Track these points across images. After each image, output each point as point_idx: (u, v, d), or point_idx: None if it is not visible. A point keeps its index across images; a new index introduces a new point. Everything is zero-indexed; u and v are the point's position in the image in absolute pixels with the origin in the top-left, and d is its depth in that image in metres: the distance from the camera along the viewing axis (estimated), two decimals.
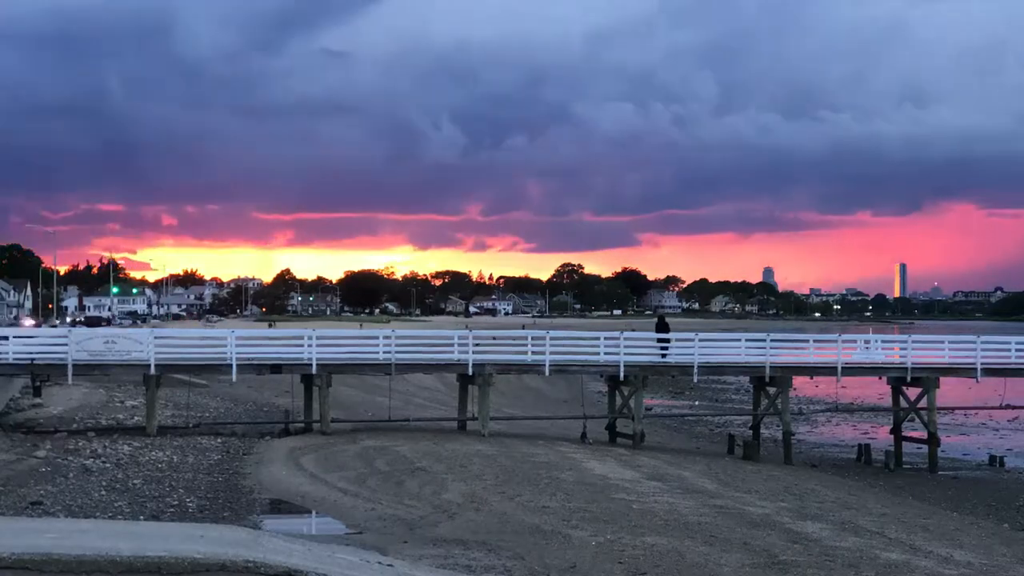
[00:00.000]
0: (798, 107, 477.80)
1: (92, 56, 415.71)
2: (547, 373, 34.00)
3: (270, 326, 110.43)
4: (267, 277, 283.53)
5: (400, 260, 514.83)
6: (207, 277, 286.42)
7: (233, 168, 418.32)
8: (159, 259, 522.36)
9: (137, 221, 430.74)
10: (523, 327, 71.02)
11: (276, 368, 32.32)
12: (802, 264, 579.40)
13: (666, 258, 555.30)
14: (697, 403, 54.23)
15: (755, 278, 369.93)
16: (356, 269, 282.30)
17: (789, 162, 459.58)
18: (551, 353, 33.12)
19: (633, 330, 43.75)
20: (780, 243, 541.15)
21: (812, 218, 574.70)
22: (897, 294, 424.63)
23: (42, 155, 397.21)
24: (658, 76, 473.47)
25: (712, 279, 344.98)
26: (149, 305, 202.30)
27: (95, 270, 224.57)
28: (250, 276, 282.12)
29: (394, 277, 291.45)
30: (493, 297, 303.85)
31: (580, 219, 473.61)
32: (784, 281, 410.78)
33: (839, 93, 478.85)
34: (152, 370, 30.25)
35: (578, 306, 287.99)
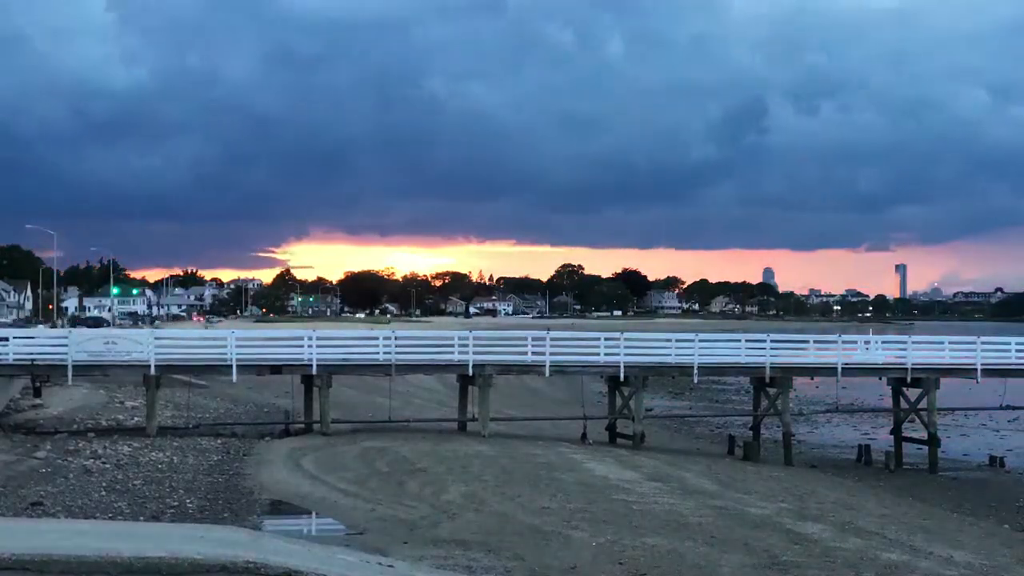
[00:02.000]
0: None
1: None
2: (547, 374, 33.99)
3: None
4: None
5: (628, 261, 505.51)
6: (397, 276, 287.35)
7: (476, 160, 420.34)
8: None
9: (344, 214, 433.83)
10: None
11: (276, 369, 32.31)
12: None
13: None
14: (691, 406, 54.24)
15: (755, 279, 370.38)
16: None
17: None
18: (551, 354, 33.13)
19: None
20: None
21: None
22: (897, 295, 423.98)
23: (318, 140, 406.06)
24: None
25: (712, 280, 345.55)
26: (149, 306, 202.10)
27: (96, 269, 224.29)
28: (251, 277, 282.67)
29: (394, 278, 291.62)
30: (493, 298, 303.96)
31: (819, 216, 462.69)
32: None
33: None
34: (152, 371, 30.27)
35: (578, 307, 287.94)
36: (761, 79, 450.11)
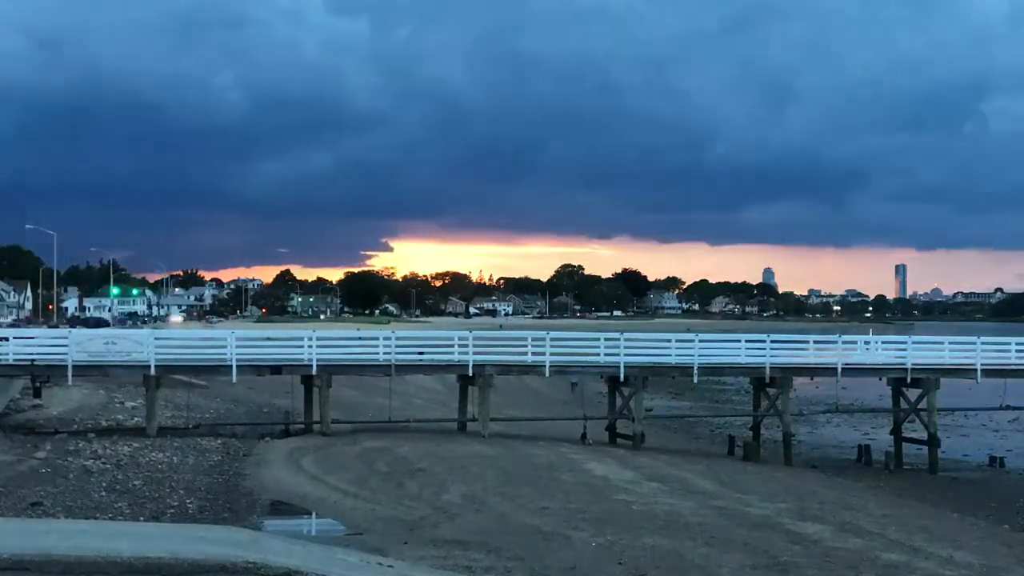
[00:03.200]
0: None
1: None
2: (547, 374, 34.00)
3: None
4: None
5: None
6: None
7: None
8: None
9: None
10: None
11: (276, 369, 32.30)
12: None
13: None
14: (691, 405, 54.23)
15: (755, 279, 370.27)
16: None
17: None
18: (551, 354, 33.13)
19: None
20: None
21: None
22: (896, 295, 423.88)
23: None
24: None
25: (712, 280, 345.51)
26: (149, 306, 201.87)
27: (96, 269, 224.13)
28: (250, 277, 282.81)
29: (394, 278, 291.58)
30: (493, 298, 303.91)
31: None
32: None
33: None
34: (152, 371, 30.26)
35: (578, 307, 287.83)
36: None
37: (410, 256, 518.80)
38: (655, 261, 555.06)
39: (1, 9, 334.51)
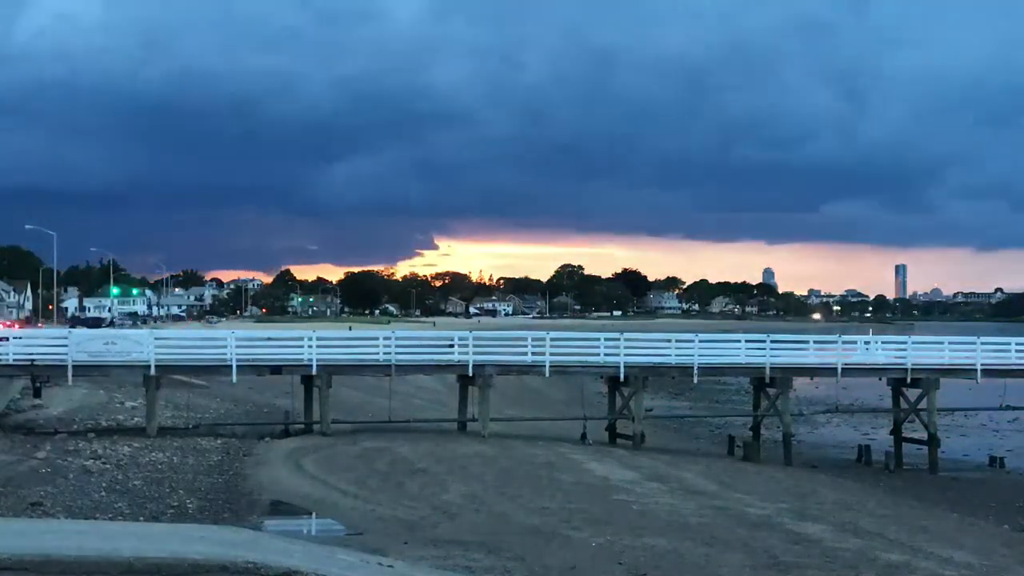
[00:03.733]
0: None
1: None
2: (547, 374, 33.99)
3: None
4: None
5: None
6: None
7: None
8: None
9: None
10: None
11: (276, 369, 32.29)
12: None
13: None
14: (691, 405, 54.23)
15: (755, 279, 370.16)
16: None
17: None
18: (551, 354, 33.12)
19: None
20: None
21: None
22: (896, 295, 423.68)
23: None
24: None
25: (712, 280, 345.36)
26: (149, 306, 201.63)
27: (96, 269, 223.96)
28: (250, 276, 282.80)
29: (394, 278, 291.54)
30: (493, 298, 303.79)
31: None
32: None
33: None
34: (152, 371, 30.25)
35: (578, 307, 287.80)
36: None
37: (460, 254, 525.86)
38: (710, 260, 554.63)
39: None
